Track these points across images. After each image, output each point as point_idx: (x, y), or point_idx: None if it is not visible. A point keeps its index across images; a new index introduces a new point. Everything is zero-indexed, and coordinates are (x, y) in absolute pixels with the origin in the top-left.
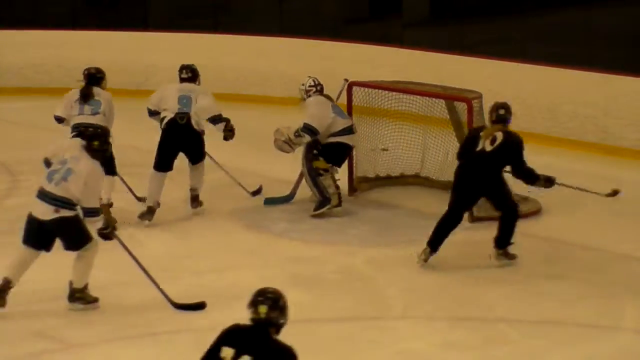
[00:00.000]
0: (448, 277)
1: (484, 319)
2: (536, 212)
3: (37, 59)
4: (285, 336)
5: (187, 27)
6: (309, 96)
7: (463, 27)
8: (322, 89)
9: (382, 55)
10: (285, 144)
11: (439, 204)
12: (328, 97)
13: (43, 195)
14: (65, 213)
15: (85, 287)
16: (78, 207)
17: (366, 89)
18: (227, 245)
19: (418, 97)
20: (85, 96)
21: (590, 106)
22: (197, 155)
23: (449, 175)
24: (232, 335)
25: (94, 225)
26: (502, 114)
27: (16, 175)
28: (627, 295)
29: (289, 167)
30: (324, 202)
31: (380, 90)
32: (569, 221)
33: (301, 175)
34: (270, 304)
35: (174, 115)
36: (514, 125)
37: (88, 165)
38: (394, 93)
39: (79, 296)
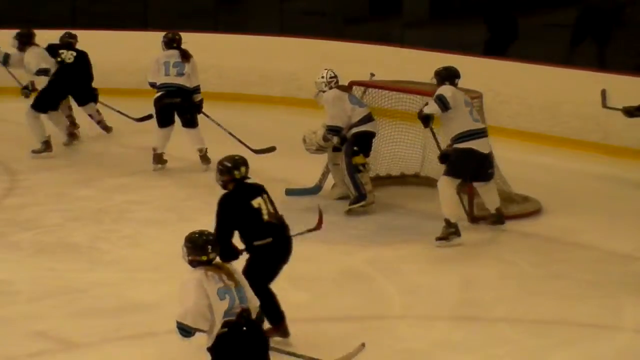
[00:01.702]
0: (448, 277)
1: (484, 319)
2: (536, 212)
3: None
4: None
5: (187, 27)
6: (330, 88)
7: (463, 27)
8: (338, 79)
9: (382, 55)
10: (318, 151)
11: (439, 204)
12: (344, 88)
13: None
14: None
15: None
16: None
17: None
18: None
19: (418, 97)
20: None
21: (590, 106)
22: None
23: None
24: (246, 194)
25: None
26: None
27: (15, 174)
28: (627, 295)
29: (288, 167)
30: (360, 199)
31: (380, 90)
32: (569, 221)
33: (327, 168)
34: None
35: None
36: (513, 125)
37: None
38: (394, 93)
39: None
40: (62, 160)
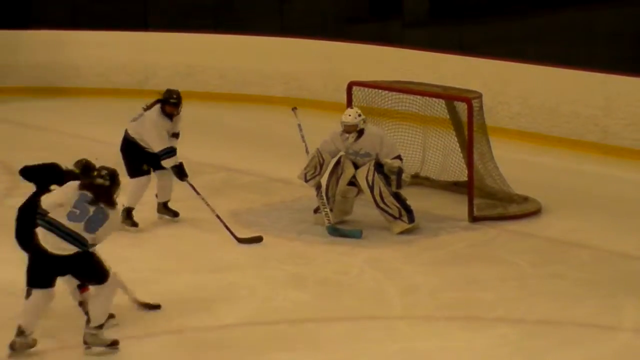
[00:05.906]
0: (448, 277)
1: (484, 319)
2: (536, 212)
3: (38, 59)
4: (286, 336)
5: (187, 27)
6: (364, 123)
7: (463, 27)
8: None
9: (382, 55)
10: (405, 182)
11: (438, 204)
12: None
13: None
14: None
15: None
16: None
17: (366, 89)
18: (227, 245)
19: (418, 97)
20: None
21: (590, 106)
22: None
23: (449, 174)
24: None
25: None
26: None
27: (16, 174)
28: (626, 295)
29: (288, 167)
30: (411, 218)
31: (380, 90)
32: (569, 221)
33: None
34: None
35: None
36: (513, 125)
37: None
38: (394, 93)
39: None
40: (63, 160)
